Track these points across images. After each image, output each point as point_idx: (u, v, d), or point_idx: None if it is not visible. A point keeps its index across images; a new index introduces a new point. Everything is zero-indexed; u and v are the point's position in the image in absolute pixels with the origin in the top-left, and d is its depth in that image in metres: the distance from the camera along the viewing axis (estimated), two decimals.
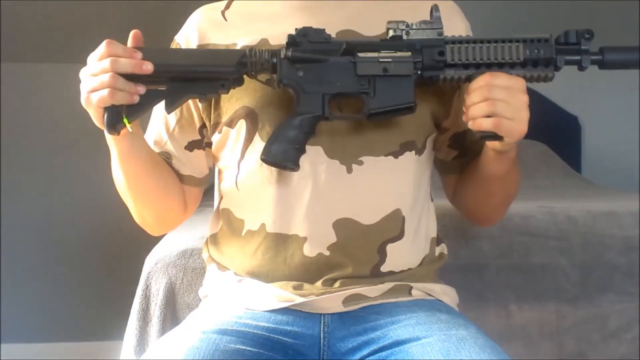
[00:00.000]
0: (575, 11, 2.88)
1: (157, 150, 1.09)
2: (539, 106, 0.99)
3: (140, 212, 1.09)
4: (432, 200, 1.11)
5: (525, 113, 0.91)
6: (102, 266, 2.89)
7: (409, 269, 1.03)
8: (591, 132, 3.27)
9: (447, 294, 1.06)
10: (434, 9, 0.94)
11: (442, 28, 0.94)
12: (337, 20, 1.02)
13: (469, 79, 0.93)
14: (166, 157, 1.09)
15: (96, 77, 0.89)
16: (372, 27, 1.02)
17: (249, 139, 1.02)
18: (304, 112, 0.94)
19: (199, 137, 1.08)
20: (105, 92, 0.88)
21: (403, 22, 0.95)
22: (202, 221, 1.39)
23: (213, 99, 1.03)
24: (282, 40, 1.00)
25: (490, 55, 0.92)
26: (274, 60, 0.94)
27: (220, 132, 1.04)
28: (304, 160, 0.97)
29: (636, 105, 3.19)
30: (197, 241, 1.37)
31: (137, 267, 1.40)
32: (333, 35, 0.99)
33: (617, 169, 3.17)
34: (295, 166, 0.95)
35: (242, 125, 1.02)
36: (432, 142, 1.07)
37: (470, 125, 0.93)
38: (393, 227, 1.01)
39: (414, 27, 0.94)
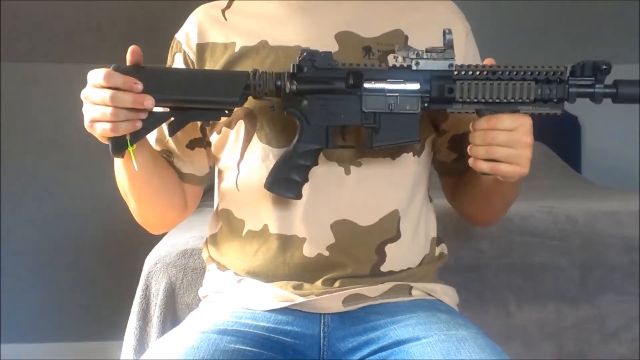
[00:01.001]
0: (575, 11, 2.88)
1: (158, 148, 1.09)
2: None
3: (142, 212, 1.09)
4: (430, 200, 1.10)
5: (527, 155, 0.88)
6: (102, 266, 2.89)
7: (409, 268, 1.03)
8: (591, 132, 3.26)
9: (447, 294, 1.06)
10: (447, 32, 0.90)
11: (453, 58, 0.90)
12: (336, 22, 1.02)
13: (478, 112, 0.90)
14: (167, 156, 1.09)
15: (97, 107, 0.88)
16: (371, 28, 1.01)
17: (247, 140, 1.01)
18: (307, 145, 0.93)
19: (200, 135, 1.08)
20: (107, 126, 0.87)
21: (413, 49, 0.91)
22: (202, 221, 1.39)
23: None
24: (281, 42, 1.00)
25: (500, 94, 0.89)
26: (278, 83, 0.92)
27: (219, 133, 1.04)
28: None
29: (636, 106, 3.18)
30: (197, 241, 1.38)
31: (137, 267, 1.40)
32: (332, 36, 0.98)
33: (617, 169, 3.17)
34: (297, 197, 0.95)
35: (241, 125, 1.02)
36: (431, 143, 1.07)
37: (471, 163, 0.92)
38: (391, 227, 1.01)
39: (425, 56, 0.90)
